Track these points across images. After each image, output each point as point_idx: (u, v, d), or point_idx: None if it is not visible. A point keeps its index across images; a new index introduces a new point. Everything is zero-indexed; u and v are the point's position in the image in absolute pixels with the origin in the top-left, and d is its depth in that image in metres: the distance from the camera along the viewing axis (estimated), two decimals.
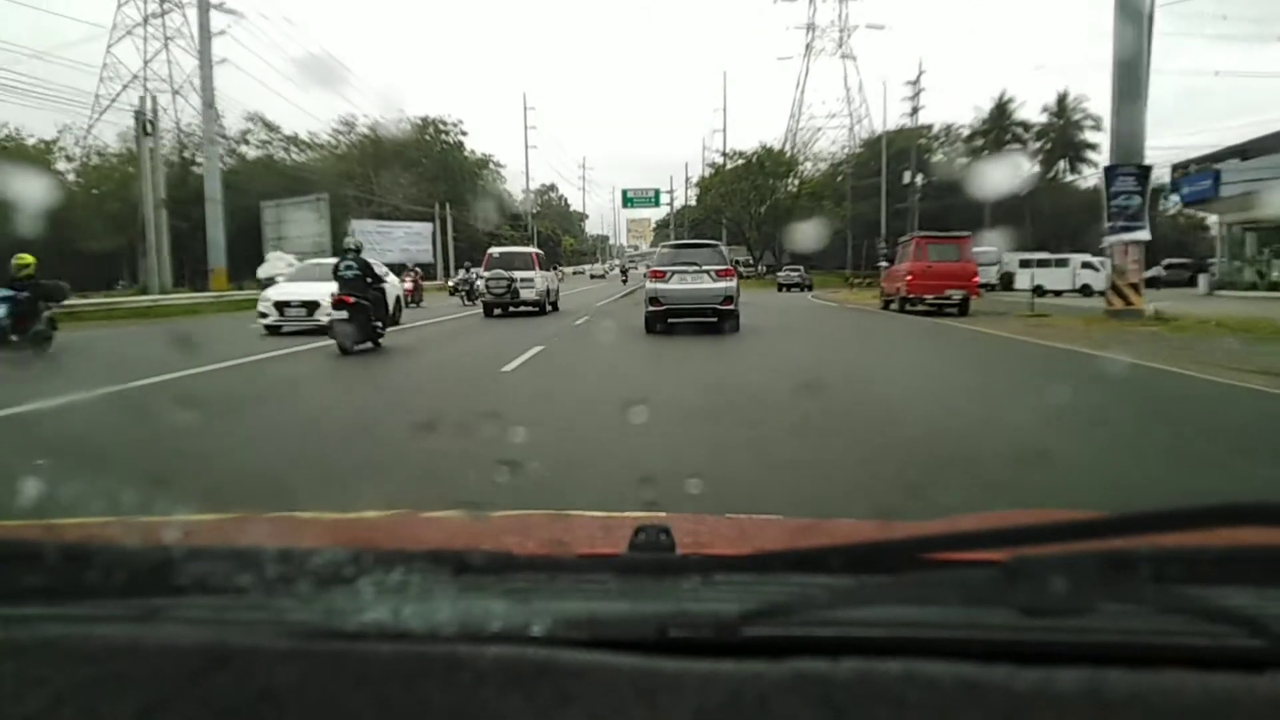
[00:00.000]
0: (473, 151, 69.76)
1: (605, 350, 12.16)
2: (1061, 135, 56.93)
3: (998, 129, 57.29)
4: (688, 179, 70.86)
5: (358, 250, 11.35)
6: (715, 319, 13.64)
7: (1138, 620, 0.63)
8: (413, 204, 52.89)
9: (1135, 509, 0.64)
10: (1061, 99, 56.85)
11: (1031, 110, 61.47)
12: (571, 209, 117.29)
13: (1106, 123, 20.79)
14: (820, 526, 1.28)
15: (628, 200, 66.30)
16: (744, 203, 58.36)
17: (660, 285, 13.76)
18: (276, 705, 0.58)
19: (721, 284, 13.66)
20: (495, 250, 20.73)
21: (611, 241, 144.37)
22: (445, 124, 63.47)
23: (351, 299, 10.66)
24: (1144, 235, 16.51)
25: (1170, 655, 0.59)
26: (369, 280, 11.15)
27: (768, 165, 58.73)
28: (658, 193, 66.83)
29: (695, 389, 7.72)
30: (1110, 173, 16.83)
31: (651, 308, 13.85)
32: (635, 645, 0.62)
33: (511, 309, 18.69)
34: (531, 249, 23.02)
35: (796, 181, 60.23)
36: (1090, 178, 56.01)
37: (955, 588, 0.66)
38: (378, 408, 7.19)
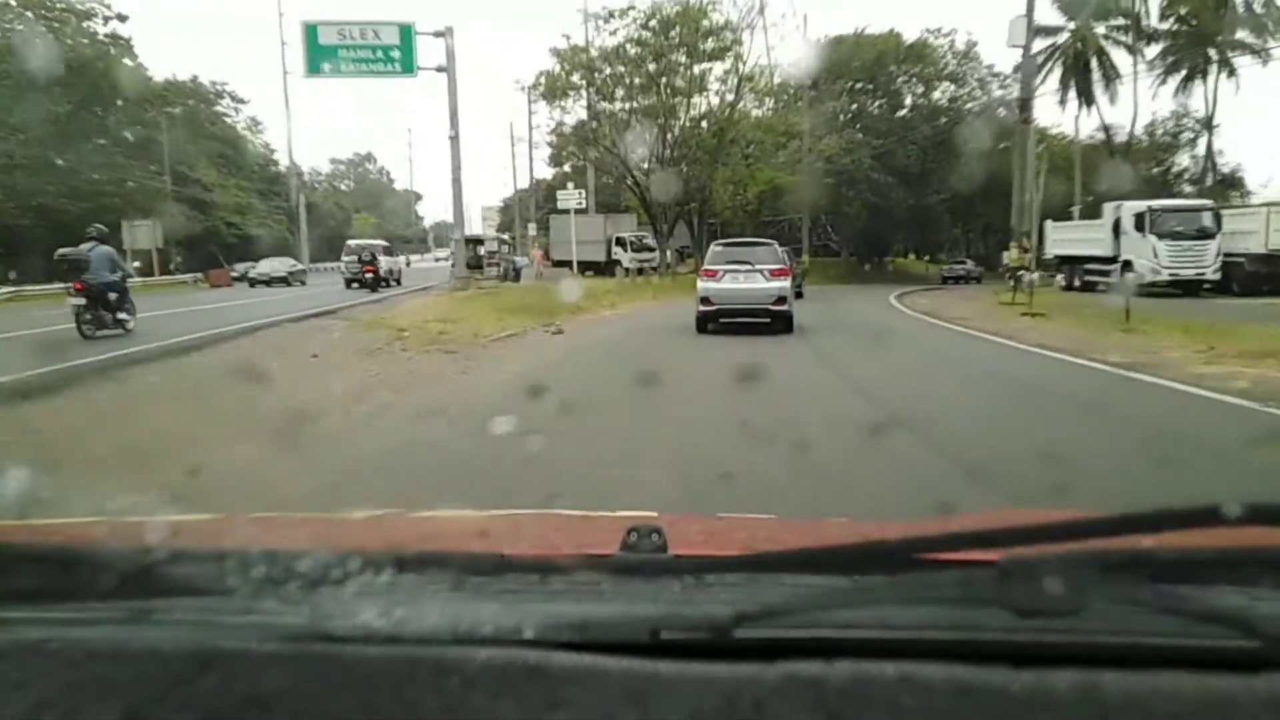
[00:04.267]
0: (175, 75, 41.76)
1: None
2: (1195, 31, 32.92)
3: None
4: (528, 88, 33.65)
5: (370, 247, 29.00)
6: (768, 319, 13.30)
7: (1133, 621, 0.63)
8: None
9: (1130, 510, 0.62)
10: None
11: None
12: (399, 187, 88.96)
13: None
14: (813, 526, 1.30)
15: (319, 50, 21.83)
16: (643, 116, 28.95)
17: (711, 284, 13.42)
18: (263, 709, 0.57)
19: (775, 284, 13.32)
20: (352, 242, 32.24)
21: (470, 233, 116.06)
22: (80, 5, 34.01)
23: (373, 269, 26.60)
24: None
25: (1166, 656, 0.58)
26: (376, 260, 27.29)
27: (681, 35, 28.11)
28: (408, 36, 22.13)
29: None
30: None
31: (702, 307, 13.50)
32: (627, 647, 0.61)
33: (363, 283, 27.32)
34: (379, 242, 32.87)
35: (734, 81, 29.98)
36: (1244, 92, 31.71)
37: (950, 589, 0.65)
38: None
